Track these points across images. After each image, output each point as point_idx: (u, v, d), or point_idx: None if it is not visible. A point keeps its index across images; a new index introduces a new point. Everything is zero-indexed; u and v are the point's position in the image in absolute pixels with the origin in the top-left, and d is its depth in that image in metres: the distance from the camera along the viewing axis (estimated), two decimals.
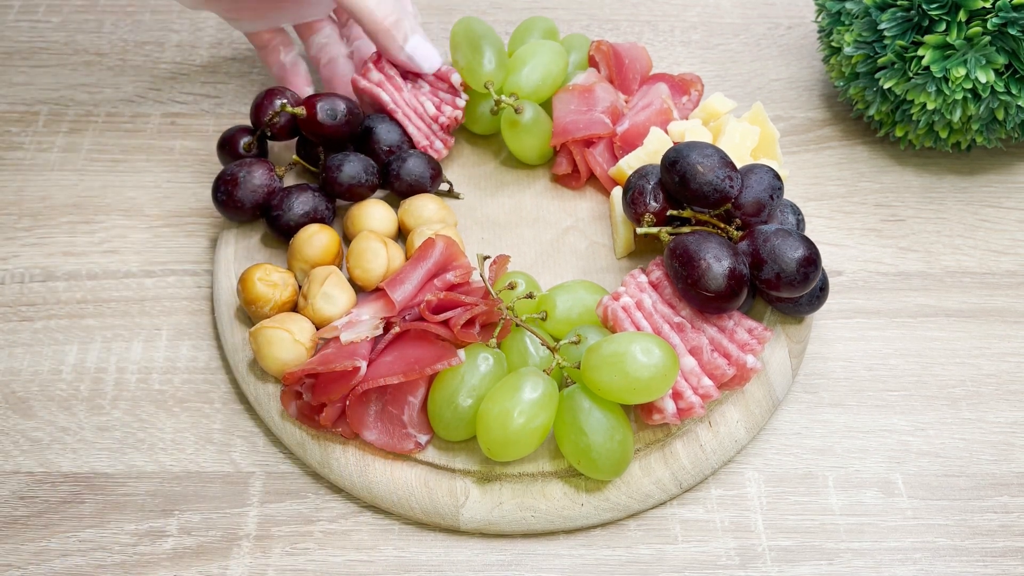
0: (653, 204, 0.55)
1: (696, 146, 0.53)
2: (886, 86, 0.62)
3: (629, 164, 0.61)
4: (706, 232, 0.52)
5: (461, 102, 0.63)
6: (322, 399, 0.50)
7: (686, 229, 0.53)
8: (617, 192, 0.61)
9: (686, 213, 0.54)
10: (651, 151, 0.60)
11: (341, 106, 0.59)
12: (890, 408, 0.55)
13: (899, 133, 0.66)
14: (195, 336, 0.58)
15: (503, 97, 0.61)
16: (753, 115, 0.61)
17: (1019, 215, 0.65)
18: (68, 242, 0.62)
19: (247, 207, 0.58)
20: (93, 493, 0.51)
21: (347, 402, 0.50)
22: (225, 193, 0.58)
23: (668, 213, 0.55)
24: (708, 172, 0.52)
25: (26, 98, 0.71)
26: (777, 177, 0.54)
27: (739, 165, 0.57)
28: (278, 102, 0.60)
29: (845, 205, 0.66)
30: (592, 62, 0.67)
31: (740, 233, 0.53)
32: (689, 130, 0.61)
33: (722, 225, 0.53)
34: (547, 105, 0.65)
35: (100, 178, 0.66)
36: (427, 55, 0.61)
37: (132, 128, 0.69)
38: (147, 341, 0.57)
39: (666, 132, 0.62)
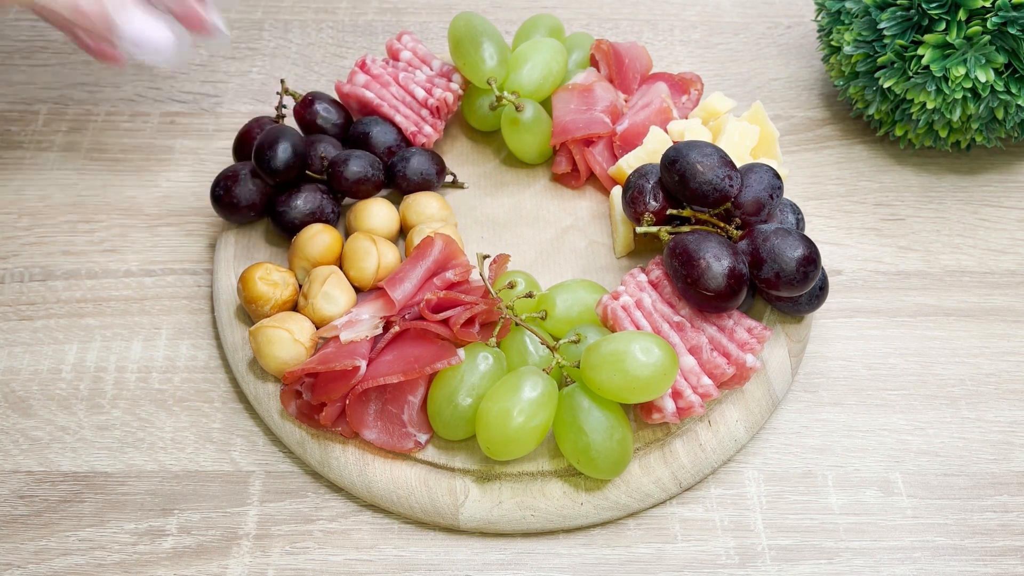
0: (653, 203, 0.55)
1: (696, 145, 0.53)
2: (886, 85, 0.62)
3: (628, 163, 0.61)
4: (706, 231, 0.52)
5: (453, 85, 0.64)
6: (322, 398, 0.50)
7: (686, 228, 0.53)
8: (617, 191, 0.61)
9: (686, 212, 0.54)
10: (651, 150, 0.60)
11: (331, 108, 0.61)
12: (889, 407, 0.55)
13: (899, 132, 0.66)
14: (195, 335, 0.58)
15: (505, 94, 0.61)
16: (752, 114, 0.61)
17: (1019, 214, 0.65)
18: (68, 241, 0.62)
19: (243, 206, 0.58)
20: (93, 492, 0.51)
21: (347, 401, 0.50)
22: (223, 189, 0.58)
23: (668, 212, 0.55)
24: (708, 171, 0.52)
25: (26, 97, 0.71)
26: (777, 176, 0.54)
27: (739, 164, 0.57)
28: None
29: (845, 204, 0.66)
30: (593, 61, 0.67)
31: (740, 232, 0.53)
32: (689, 129, 0.61)
33: (722, 224, 0.53)
34: (547, 103, 0.65)
35: (99, 177, 0.66)
36: (152, 36, 0.48)
37: (132, 127, 0.69)
38: (147, 340, 0.57)
39: (666, 131, 0.62)
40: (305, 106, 0.63)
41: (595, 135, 0.62)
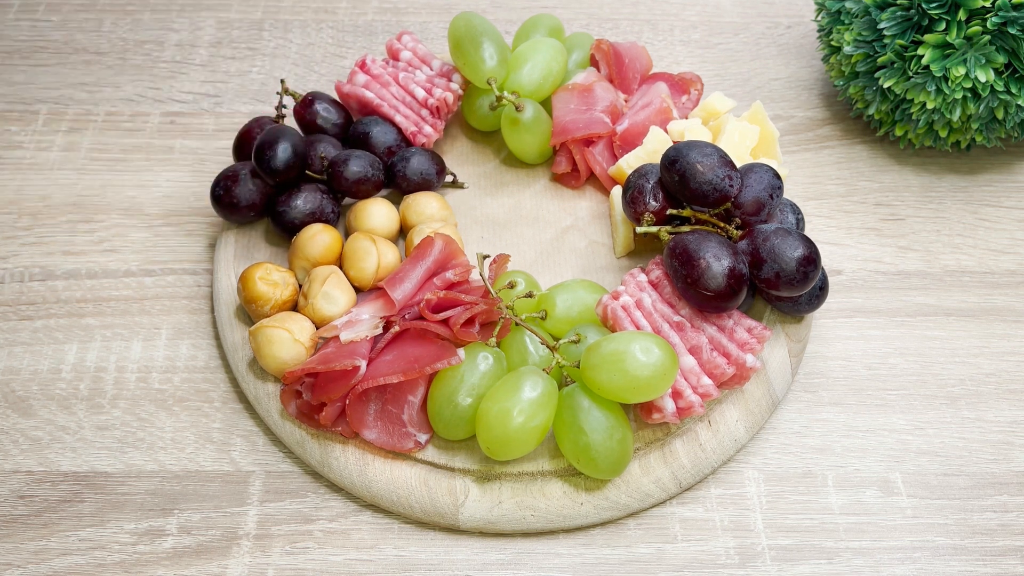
0: (653, 203, 0.55)
1: (696, 145, 0.53)
2: (886, 85, 0.62)
3: (629, 163, 0.61)
4: (706, 231, 0.52)
5: (453, 85, 0.64)
6: (322, 398, 0.50)
7: (686, 228, 0.53)
8: (616, 191, 0.61)
9: (686, 212, 0.54)
10: (651, 150, 0.60)
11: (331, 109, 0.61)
12: (889, 407, 0.55)
13: (899, 132, 0.66)
14: (195, 335, 0.58)
15: (505, 93, 0.61)
16: (752, 114, 0.61)
17: (1019, 214, 0.65)
18: (68, 241, 0.62)
19: (243, 206, 0.58)
20: (93, 492, 0.51)
21: (347, 401, 0.50)
22: (223, 189, 0.58)
23: (668, 212, 0.55)
24: (708, 171, 0.52)
25: (26, 97, 0.71)
26: (777, 176, 0.54)
27: (739, 164, 0.57)
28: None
29: (844, 204, 0.66)
30: (593, 61, 0.67)
31: (740, 232, 0.53)
32: (689, 129, 0.61)
33: (722, 224, 0.53)
34: (547, 103, 0.65)
35: (100, 177, 0.66)
36: None
37: (132, 127, 0.69)
38: (147, 340, 0.57)
39: (666, 131, 0.62)
40: (305, 106, 0.63)
41: (595, 135, 0.62)
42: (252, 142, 0.60)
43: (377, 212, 0.59)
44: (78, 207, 0.64)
